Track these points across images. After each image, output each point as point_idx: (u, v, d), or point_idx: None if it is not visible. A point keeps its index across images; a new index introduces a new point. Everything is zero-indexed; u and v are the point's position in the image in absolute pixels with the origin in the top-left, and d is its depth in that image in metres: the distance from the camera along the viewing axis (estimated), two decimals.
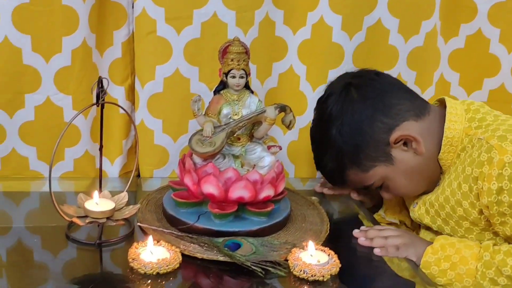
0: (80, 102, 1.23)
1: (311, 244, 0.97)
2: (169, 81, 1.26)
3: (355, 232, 1.09)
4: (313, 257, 0.95)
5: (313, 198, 1.26)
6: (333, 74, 1.30)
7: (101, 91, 0.91)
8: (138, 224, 1.05)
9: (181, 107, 1.28)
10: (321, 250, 0.99)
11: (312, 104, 1.33)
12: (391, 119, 1.07)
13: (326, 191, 1.31)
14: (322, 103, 1.14)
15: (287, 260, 0.96)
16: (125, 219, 1.04)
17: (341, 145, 1.08)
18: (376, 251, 1.04)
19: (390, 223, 1.29)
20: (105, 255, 1.00)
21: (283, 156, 1.39)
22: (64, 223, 1.02)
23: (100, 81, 0.93)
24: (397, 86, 1.13)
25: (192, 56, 1.25)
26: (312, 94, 1.34)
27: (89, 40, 1.21)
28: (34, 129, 1.24)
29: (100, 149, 1.03)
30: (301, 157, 1.39)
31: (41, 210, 1.16)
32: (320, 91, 1.31)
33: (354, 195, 1.27)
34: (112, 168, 1.33)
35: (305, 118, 1.35)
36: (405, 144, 1.08)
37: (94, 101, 0.94)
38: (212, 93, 1.12)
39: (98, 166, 1.31)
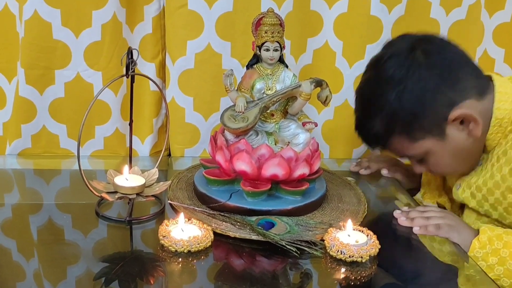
0: (110, 79, 1.19)
1: (349, 224, 0.92)
2: (201, 57, 1.22)
3: (396, 213, 1.04)
4: (351, 237, 0.91)
5: (349, 178, 1.21)
6: (371, 50, 1.26)
7: (130, 62, 0.87)
8: (169, 202, 1.02)
9: (212, 84, 1.24)
10: (359, 230, 0.94)
11: (349, 81, 1.29)
12: (455, 94, 1.00)
13: (362, 171, 1.27)
14: (382, 63, 1.04)
15: (323, 240, 0.92)
16: (156, 196, 1.02)
17: (397, 110, 1.01)
18: (415, 230, 0.99)
19: None
20: (135, 233, 0.98)
21: (318, 136, 1.34)
22: (94, 201, 1.00)
23: (129, 51, 0.89)
24: (465, 59, 1.04)
25: (224, 31, 1.22)
26: (349, 71, 1.28)
27: (119, 15, 1.18)
28: (64, 106, 1.22)
29: (130, 124, 1.00)
30: (337, 137, 1.34)
31: (72, 188, 1.14)
32: (357, 67, 1.27)
33: (385, 172, 1.22)
34: (143, 147, 1.30)
35: (341, 96, 1.30)
36: (461, 122, 1.01)
37: (124, 73, 0.91)
38: (244, 68, 1.08)
39: (128, 144, 1.30)
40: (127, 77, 0.91)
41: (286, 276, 0.88)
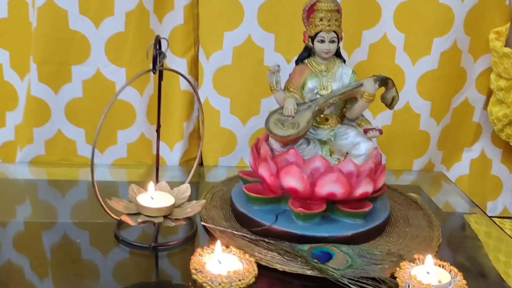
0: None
1: (429, 259, 0.74)
2: (239, 51, 1.06)
3: None
4: (431, 275, 0.72)
5: (413, 194, 1.03)
6: (438, 44, 1.08)
7: (158, 54, 0.71)
8: (202, 223, 0.85)
9: (252, 82, 1.08)
10: (439, 265, 0.75)
11: (410, 80, 1.11)
12: None
13: None
14: None
15: (394, 278, 0.74)
16: (186, 218, 0.85)
17: None
18: None
19: None
20: (162, 262, 0.82)
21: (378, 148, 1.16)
22: (114, 220, 0.83)
23: (157, 41, 0.73)
24: None
25: (267, 21, 1.05)
26: (412, 68, 1.11)
27: (146, 3, 1.04)
28: (82, 108, 1.07)
29: (158, 129, 0.84)
30: (395, 145, 1.16)
31: (90, 203, 0.99)
32: (421, 64, 1.10)
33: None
34: (172, 155, 1.14)
35: (402, 98, 1.11)
36: None
37: (151, 67, 0.74)
38: (291, 65, 0.91)
39: (155, 152, 1.14)
40: (154, 73, 0.75)
41: None
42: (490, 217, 1.02)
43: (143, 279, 0.77)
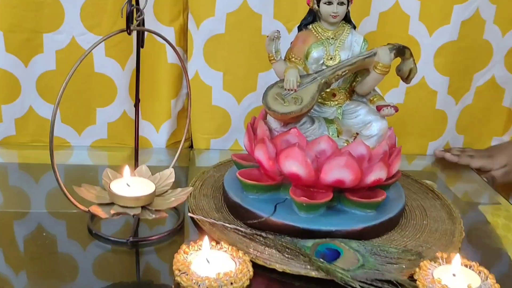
0: (116, 46, 0.93)
1: (457, 258, 0.62)
2: (234, 18, 0.94)
3: None
4: (458, 278, 0.61)
5: (429, 182, 0.92)
6: (459, 12, 0.96)
7: (135, 11, 0.58)
8: (190, 215, 0.74)
9: (248, 54, 0.96)
10: (467, 265, 0.64)
11: (426, 52, 0.99)
12: None
13: (448, 156, 1.03)
14: None
15: (414, 280, 0.63)
16: (171, 208, 0.74)
17: None
18: None
19: None
20: (142, 259, 0.71)
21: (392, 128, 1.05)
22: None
23: None
24: None
25: None
26: (428, 40, 0.99)
27: None
28: (56, 82, 0.95)
29: (136, 104, 0.72)
30: (408, 126, 1.05)
31: (67, 188, 0.87)
32: (439, 34, 0.98)
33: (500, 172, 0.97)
34: (158, 136, 1.03)
35: (417, 72, 1.00)
36: None
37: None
38: (293, 33, 0.79)
39: (139, 132, 1.01)
40: (129, 33, 0.62)
41: None
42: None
43: (118, 280, 0.66)
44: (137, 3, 0.62)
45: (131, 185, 0.65)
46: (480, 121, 1.07)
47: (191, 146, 1.06)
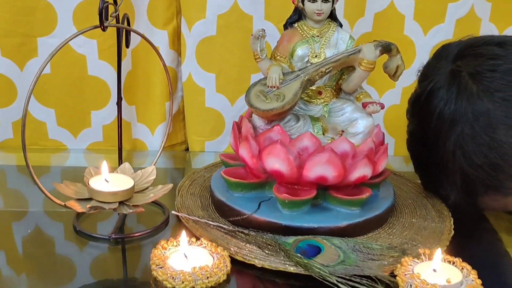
0: (109, 49, 0.94)
1: (438, 254, 0.61)
2: (225, 20, 0.94)
3: None
4: (439, 274, 0.60)
5: None
6: (454, 10, 0.96)
7: (108, 5, 0.59)
8: (173, 212, 0.74)
9: (240, 56, 0.96)
10: (450, 261, 0.63)
11: (421, 52, 0.98)
12: None
13: None
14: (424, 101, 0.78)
15: (394, 276, 0.62)
16: (158, 204, 0.75)
17: (466, 169, 0.73)
18: None
19: None
20: (124, 256, 0.71)
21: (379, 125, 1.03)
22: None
23: None
24: None
25: None
26: (423, 39, 0.98)
27: None
28: (51, 85, 0.97)
29: (118, 102, 0.73)
30: (405, 127, 1.02)
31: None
32: (434, 33, 0.97)
33: None
34: (153, 138, 1.03)
35: (412, 72, 0.98)
36: None
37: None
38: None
39: (134, 135, 1.03)
40: (103, 29, 0.63)
41: None
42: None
43: (100, 276, 0.66)
44: (115, 1, 0.62)
45: (110, 181, 0.65)
46: None
47: (187, 149, 1.06)
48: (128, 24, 0.73)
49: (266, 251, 0.66)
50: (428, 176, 0.83)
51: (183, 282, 0.59)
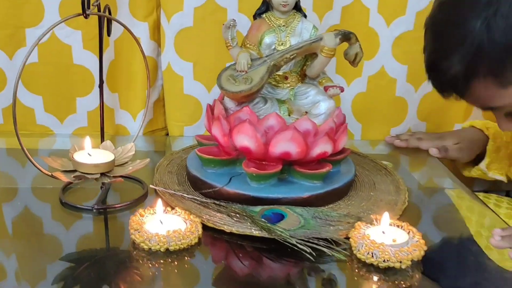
0: (93, 39, 0.99)
1: (385, 217, 0.68)
2: (201, 12, 1.00)
3: (495, 241, 0.71)
4: (387, 235, 0.67)
5: (386, 162, 0.97)
6: (414, 3, 1.04)
7: None
8: (151, 186, 0.81)
9: (216, 46, 1.01)
10: (398, 226, 0.70)
11: (386, 44, 1.07)
12: None
13: (397, 142, 1.07)
14: None
15: (348, 238, 0.69)
16: (138, 180, 0.81)
17: (484, 43, 0.74)
18: None
19: (495, 181, 1.03)
20: (106, 224, 0.77)
21: (347, 112, 1.10)
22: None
23: None
24: None
25: None
26: (386, 31, 1.05)
27: None
28: (39, 73, 1.02)
29: (100, 85, 0.79)
30: (371, 113, 1.10)
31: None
32: (397, 25, 1.06)
33: (434, 152, 1.00)
34: (135, 124, 1.09)
35: (377, 62, 1.06)
36: None
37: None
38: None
39: (117, 121, 1.09)
40: (85, 17, 0.70)
41: (297, 286, 0.65)
42: (474, 191, 0.96)
43: (86, 246, 0.71)
44: None
45: (92, 155, 0.72)
46: (441, 108, 1.10)
47: (167, 134, 1.12)
48: (110, 14, 0.80)
49: (235, 219, 0.73)
50: (440, 43, 0.81)
51: (158, 244, 0.66)
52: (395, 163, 1.02)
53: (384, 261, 0.64)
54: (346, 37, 0.82)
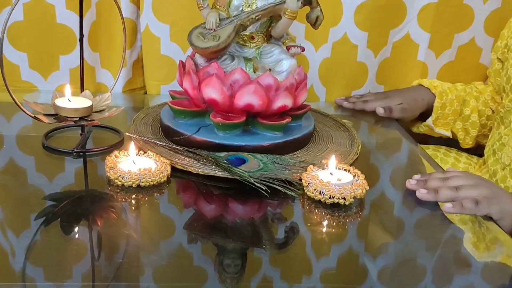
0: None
1: (332, 160, 0.77)
2: None
3: (410, 184, 0.81)
4: (333, 176, 0.76)
5: (346, 121, 1.05)
6: None
7: None
8: (126, 133, 0.88)
9: (191, 8, 1.05)
10: (345, 169, 0.79)
11: (349, 11, 1.13)
12: None
13: (345, 104, 1.15)
14: None
15: (301, 180, 0.77)
16: (115, 130, 0.89)
17: None
18: (448, 208, 0.75)
19: (440, 136, 1.12)
20: (85, 167, 0.84)
21: (314, 76, 1.18)
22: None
23: None
24: None
25: None
26: None
27: None
28: (24, 31, 1.08)
29: (80, 39, 0.86)
30: (335, 77, 1.18)
31: (35, 126, 1.00)
32: None
33: (380, 111, 1.08)
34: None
35: (340, 29, 1.13)
36: None
37: None
38: None
39: (98, 79, 1.16)
40: None
41: (254, 220, 0.73)
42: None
43: (66, 186, 0.78)
44: None
45: (72, 101, 0.79)
46: (398, 73, 1.18)
47: (145, 92, 1.19)
48: None
49: (201, 162, 0.81)
50: None
51: (130, 180, 0.74)
52: (356, 122, 1.10)
53: (330, 197, 0.73)
54: (308, 1, 0.89)
